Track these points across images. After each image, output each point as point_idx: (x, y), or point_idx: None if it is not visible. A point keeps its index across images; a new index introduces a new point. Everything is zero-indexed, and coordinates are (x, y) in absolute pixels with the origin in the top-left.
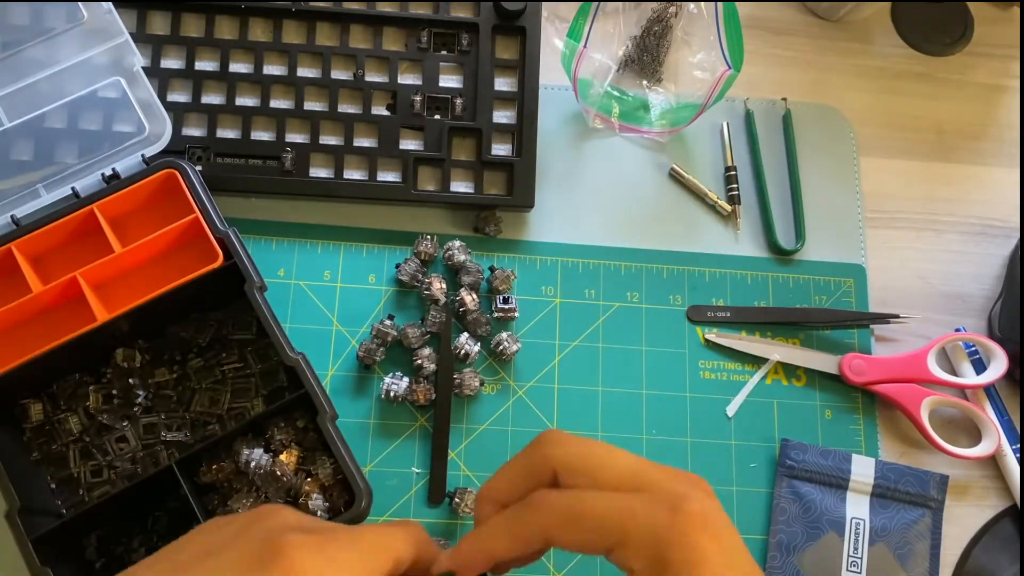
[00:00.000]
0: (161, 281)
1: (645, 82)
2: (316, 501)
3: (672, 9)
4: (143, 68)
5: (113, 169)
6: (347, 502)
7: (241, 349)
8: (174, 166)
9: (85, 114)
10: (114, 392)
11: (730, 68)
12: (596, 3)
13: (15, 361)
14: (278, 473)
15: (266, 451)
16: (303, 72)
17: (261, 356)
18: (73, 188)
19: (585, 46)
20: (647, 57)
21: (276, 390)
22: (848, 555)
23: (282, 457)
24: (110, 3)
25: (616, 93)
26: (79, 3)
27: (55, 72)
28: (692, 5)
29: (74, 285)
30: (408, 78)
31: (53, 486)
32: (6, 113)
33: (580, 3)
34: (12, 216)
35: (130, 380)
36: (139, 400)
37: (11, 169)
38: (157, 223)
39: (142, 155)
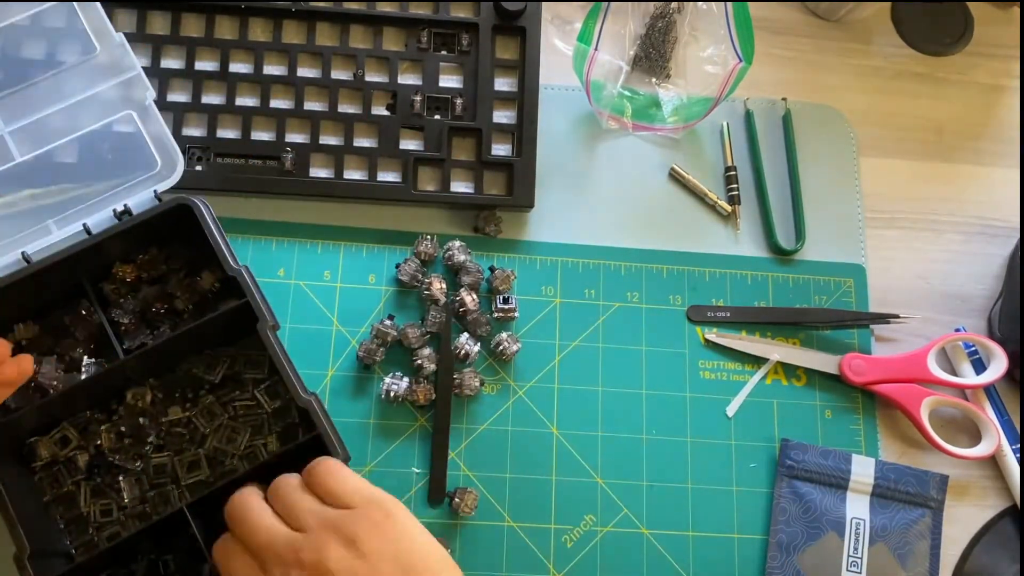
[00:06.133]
0: None
1: (654, 79)
2: None
3: (674, 5)
4: (143, 68)
5: (125, 205)
6: None
7: (254, 386)
8: (187, 203)
9: (97, 148)
10: (124, 430)
11: (741, 61)
12: (606, 4)
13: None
14: None
15: None
16: (303, 72)
17: (273, 393)
18: (84, 224)
19: (596, 49)
20: (654, 54)
21: (289, 426)
22: (848, 555)
23: None
24: (122, 35)
25: (627, 93)
26: (92, 37)
27: (67, 106)
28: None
29: None
30: (408, 78)
31: (62, 525)
32: (17, 147)
33: (580, 3)
34: (23, 253)
35: (141, 419)
36: (150, 439)
37: (22, 204)
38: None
39: (154, 191)
